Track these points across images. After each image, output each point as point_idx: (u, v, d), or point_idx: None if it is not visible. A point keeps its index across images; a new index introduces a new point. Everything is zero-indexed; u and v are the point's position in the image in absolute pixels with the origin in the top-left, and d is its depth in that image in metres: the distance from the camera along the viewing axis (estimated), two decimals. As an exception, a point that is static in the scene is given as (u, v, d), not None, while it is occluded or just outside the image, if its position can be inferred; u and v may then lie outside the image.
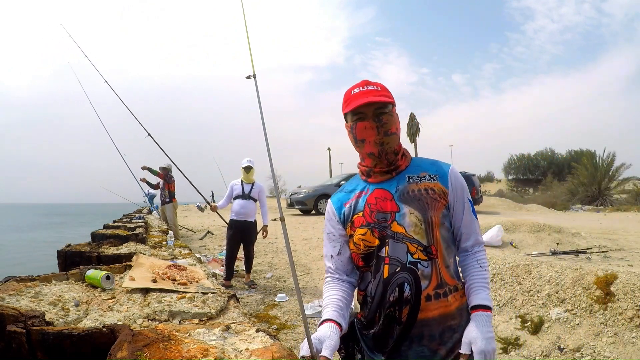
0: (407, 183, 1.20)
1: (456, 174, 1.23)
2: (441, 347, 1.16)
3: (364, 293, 1.25)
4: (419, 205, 1.16)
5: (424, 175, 1.21)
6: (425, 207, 1.16)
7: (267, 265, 6.40)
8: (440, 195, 1.18)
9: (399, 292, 1.14)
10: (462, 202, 1.21)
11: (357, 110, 1.17)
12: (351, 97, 1.19)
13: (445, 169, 1.23)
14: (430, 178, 1.20)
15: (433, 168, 1.23)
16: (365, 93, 1.17)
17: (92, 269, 1.86)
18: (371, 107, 1.16)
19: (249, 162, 5.25)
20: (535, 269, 3.79)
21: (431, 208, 1.16)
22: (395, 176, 1.22)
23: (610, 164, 23.51)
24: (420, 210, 1.16)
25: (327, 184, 14.69)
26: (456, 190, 1.20)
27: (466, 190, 1.23)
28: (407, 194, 1.18)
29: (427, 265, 1.14)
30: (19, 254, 12.94)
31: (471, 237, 1.23)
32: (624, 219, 11.72)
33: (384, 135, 1.17)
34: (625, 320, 2.95)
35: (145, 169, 8.10)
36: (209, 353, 0.98)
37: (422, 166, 1.24)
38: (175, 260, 2.52)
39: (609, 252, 5.42)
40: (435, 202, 1.17)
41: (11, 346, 1.04)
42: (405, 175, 1.22)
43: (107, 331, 1.09)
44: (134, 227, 4.79)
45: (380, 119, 1.16)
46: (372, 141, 1.17)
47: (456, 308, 1.17)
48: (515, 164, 46.36)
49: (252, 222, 5.23)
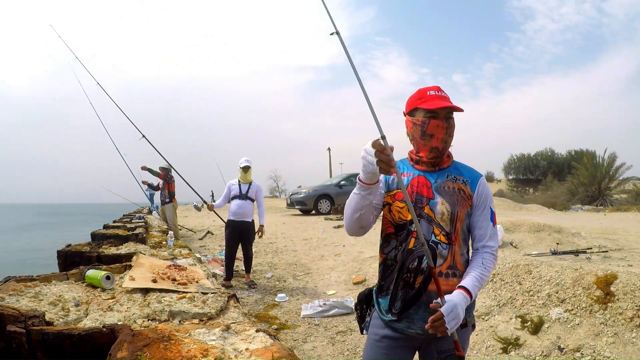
0: (445, 179, 1.43)
1: (484, 184, 1.45)
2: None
3: (385, 256, 1.47)
4: (451, 199, 1.39)
5: (460, 178, 1.43)
6: (455, 202, 1.39)
7: (267, 265, 6.40)
8: (468, 197, 1.41)
9: (418, 262, 1.36)
10: (484, 207, 1.42)
11: (433, 110, 1.38)
12: (428, 96, 1.40)
13: (477, 177, 1.45)
14: (464, 182, 1.43)
15: (468, 174, 1.45)
16: (441, 97, 1.40)
17: (92, 269, 1.86)
18: (444, 111, 1.39)
19: (246, 162, 5.24)
20: (535, 269, 3.79)
21: (459, 205, 1.39)
22: (437, 171, 1.45)
23: (611, 164, 23.49)
24: (450, 204, 1.39)
25: (327, 184, 14.68)
26: (480, 196, 1.42)
27: (490, 199, 1.45)
28: (443, 187, 1.41)
29: (445, 247, 1.37)
30: (19, 254, 12.94)
31: (483, 239, 1.42)
32: (624, 219, 11.72)
33: (449, 135, 1.41)
34: (625, 320, 2.95)
35: (145, 170, 8.09)
36: (209, 353, 0.98)
37: (460, 170, 1.46)
38: (175, 260, 2.52)
39: (609, 252, 5.41)
40: (464, 202, 1.40)
41: (11, 346, 1.03)
42: (445, 172, 1.44)
43: (107, 331, 1.09)
44: (134, 227, 4.79)
45: (449, 122, 1.40)
46: (440, 138, 1.39)
47: None
48: (515, 164, 46.32)
49: (249, 222, 5.22)
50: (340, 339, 3.56)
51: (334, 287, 5.13)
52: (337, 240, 7.70)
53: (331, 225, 9.65)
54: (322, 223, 10.43)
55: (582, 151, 32.24)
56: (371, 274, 5.27)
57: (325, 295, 4.80)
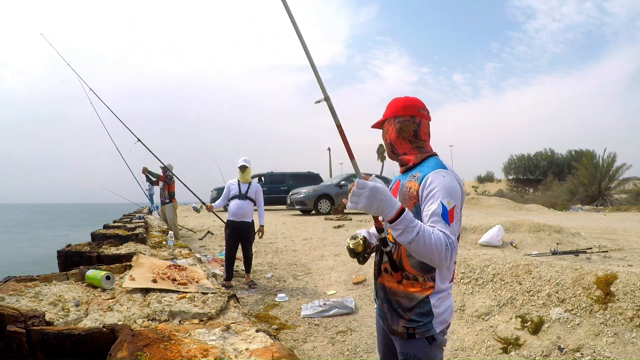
0: (407, 179, 1.44)
1: (433, 178, 1.32)
2: (388, 312, 1.43)
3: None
4: (401, 199, 1.42)
5: (417, 176, 1.40)
6: (403, 201, 1.41)
7: (267, 265, 6.40)
8: (413, 195, 1.37)
9: (379, 257, 1.49)
10: (431, 202, 1.30)
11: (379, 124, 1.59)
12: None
13: (427, 172, 1.36)
14: (415, 178, 1.40)
15: (426, 170, 1.38)
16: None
17: (92, 269, 1.86)
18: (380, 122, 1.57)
19: (244, 162, 5.22)
20: (535, 269, 3.80)
21: (405, 204, 1.39)
22: (405, 172, 1.50)
23: (611, 164, 23.48)
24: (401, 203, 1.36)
25: (327, 184, 14.69)
26: (424, 190, 1.33)
27: (440, 193, 1.29)
28: (402, 188, 1.44)
29: (392, 246, 1.41)
30: (19, 254, 12.93)
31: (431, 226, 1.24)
32: (624, 219, 11.71)
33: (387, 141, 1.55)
34: (625, 320, 2.95)
35: (145, 172, 8.15)
36: (209, 353, 0.98)
37: (422, 168, 1.42)
38: (175, 260, 2.52)
39: (609, 252, 5.41)
40: (409, 200, 1.39)
41: (11, 346, 1.03)
42: (410, 172, 1.46)
43: (107, 331, 1.09)
44: (134, 227, 4.79)
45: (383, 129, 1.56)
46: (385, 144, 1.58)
47: (409, 292, 1.37)
48: (515, 164, 46.31)
49: (249, 223, 5.20)
50: (340, 339, 3.56)
51: (334, 287, 5.13)
52: (337, 240, 7.70)
53: (331, 225, 9.65)
54: (322, 223, 10.43)
55: (582, 151, 32.23)
56: (371, 274, 5.26)
57: (325, 295, 4.80)
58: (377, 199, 1.17)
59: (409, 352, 1.37)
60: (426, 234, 1.18)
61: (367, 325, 3.83)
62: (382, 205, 1.17)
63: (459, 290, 4.10)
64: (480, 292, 3.96)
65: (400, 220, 1.17)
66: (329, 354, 3.29)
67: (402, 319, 1.38)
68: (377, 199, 1.17)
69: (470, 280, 4.15)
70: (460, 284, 4.18)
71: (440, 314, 1.35)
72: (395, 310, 1.40)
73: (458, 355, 3.22)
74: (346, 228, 9.20)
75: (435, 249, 1.18)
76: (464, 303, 3.91)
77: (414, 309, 1.36)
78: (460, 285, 4.17)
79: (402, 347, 1.40)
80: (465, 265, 4.35)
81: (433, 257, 1.19)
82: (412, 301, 1.36)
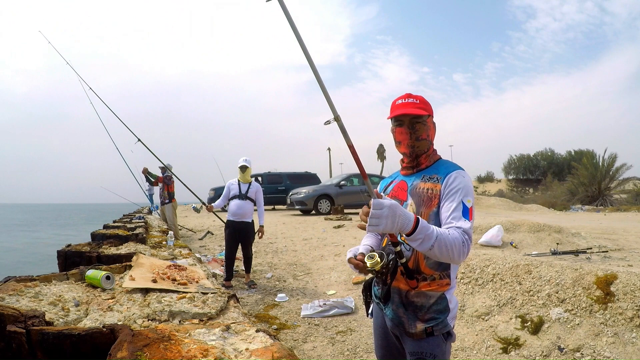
0: (419, 180, 1.43)
1: (455, 177, 1.36)
2: (404, 316, 1.39)
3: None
4: (418, 200, 1.40)
5: (435, 177, 1.40)
6: (421, 203, 1.39)
7: (267, 265, 6.40)
8: (435, 196, 1.36)
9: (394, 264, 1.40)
10: (451, 199, 1.33)
11: (396, 118, 1.45)
12: (395, 106, 1.47)
13: (448, 172, 1.38)
14: (437, 179, 1.39)
15: (444, 171, 1.40)
16: (406, 105, 1.44)
17: (92, 269, 1.86)
18: (407, 117, 1.43)
19: (244, 162, 5.21)
20: (535, 269, 3.79)
21: (424, 205, 1.38)
22: (415, 173, 1.47)
23: (611, 164, 23.47)
24: (417, 205, 1.40)
25: (327, 184, 14.69)
26: (447, 188, 1.35)
27: (463, 192, 1.33)
28: (415, 189, 1.42)
29: (409, 249, 1.38)
30: (19, 254, 12.93)
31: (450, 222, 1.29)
32: (624, 219, 11.71)
33: (416, 140, 1.44)
34: (625, 320, 2.95)
35: (145, 173, 8.17)
36: (209, 353, 0.98)
37: (438, 168, 1.43)
38: (175, 260, 2.52)
39: (609, 252, 5.41)
40: (430, 201, 1.37)
41: (11, 346, 1.03)
42: (422, 173, 1.45)
43: (107, 331, 1.09)
44: (134, 227, 4.79)
45: (414, 127, 1.43)
46: (406, 144, 1.45)
47: (427, 291, 1.36)
48: (515, 164, 46.30)
49: (249, 223, 5.20)
50: (340, 339, 3.56)
51: (334, 287, 5.13)
52: (337, 240, 7.70)
53: (331, 225, 9.65)
54: (322, 223, 10.43)
55: (582, 151, 32.21)
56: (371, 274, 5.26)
57: (325, 295, 4.80)
58: (397, 215, 1.17)
59: (424, 351, 1.35)
60: (443, 236, 1.21)
61: (367, 325, 3.83)
62: (401, 221, 1.18)
63: (459, 290, 4.10)
64: (480, 292, 3.96)
65: (418, 230, 1.19)
66: (329, 354, 3.29)
67: (420, 320, 1.36)
68: (396, 215, 1.17)
69: (470, 280, 4.15)
70: (460, 284, 4.18)
71: (453, 309, 1.39)
72: (413, 312, 1.38)
73: (458, 355, 3.22)
74: (346, 228, 9.20)
75: (454, 248, 1.21)
76: (464, 303, 3.91)
77: (432, 306, 1.36)
78: (460, 285, 4.16)
79: (417, 346, 1.37)
80: (465, 265, 4.35)
81: (453, 256, 1.22)
82: (431, 299, 1.36)
